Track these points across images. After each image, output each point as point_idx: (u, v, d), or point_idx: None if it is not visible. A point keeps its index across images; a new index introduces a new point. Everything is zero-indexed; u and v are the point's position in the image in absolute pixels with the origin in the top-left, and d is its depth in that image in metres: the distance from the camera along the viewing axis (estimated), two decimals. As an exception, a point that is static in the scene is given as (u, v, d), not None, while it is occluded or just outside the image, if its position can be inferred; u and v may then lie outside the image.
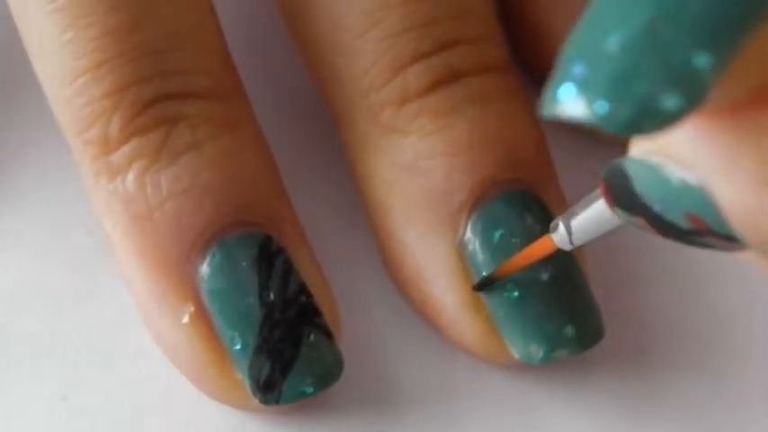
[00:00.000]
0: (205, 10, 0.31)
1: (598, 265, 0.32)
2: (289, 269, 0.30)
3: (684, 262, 0.33)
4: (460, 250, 0.30)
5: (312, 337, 0.30)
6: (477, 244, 0.30)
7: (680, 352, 0.32)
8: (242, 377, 0.29)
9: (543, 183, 0.31)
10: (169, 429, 0.31)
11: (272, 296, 0.29)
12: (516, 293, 0.30)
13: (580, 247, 0.28)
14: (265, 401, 0.29)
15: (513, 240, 0.30)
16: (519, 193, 0.31)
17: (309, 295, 0.30)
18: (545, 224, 0.30)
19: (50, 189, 0.33)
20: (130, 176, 0.30)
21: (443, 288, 0.31)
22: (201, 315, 0.30)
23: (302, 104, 0.34)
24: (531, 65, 0.34)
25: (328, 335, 0.30)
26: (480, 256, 0.30)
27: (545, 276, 0.30)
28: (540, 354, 0.30)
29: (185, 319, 0.30)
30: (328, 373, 0.30)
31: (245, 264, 0.30)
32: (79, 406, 0.31)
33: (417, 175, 0.31)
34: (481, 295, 0.30)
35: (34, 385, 0.31)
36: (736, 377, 0.32)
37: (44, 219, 0.33)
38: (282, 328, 0.29)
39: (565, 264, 0.30)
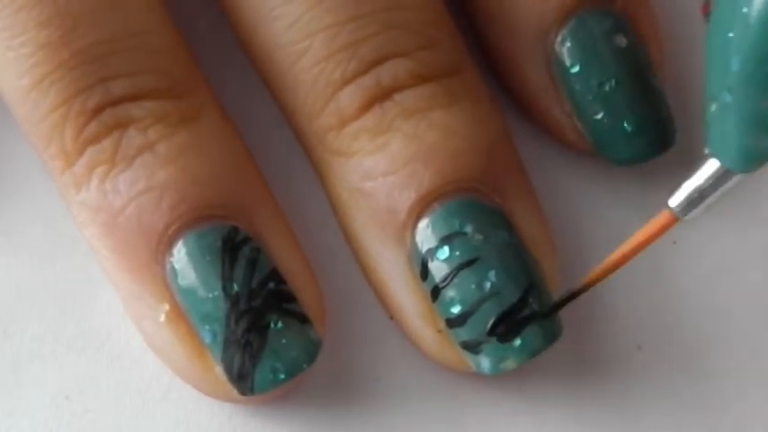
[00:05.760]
0: (143, 10, 0.31)
1: (590, 266, 0.31)
2: (255, 258, 0.30)
3: (679, 261, 0.33)
4: (411, 265, 0.31)
5: (279, 324, 0.30)
6: (422, 259, 0.30)
7: (677, 351, 0.32)
8: (218, 370, 0.30)
9: (498, 186, 0.31)
10: (171, 428, 0.31)
11: (236, 287, 0.30)
12: (458, 308, 0.30)
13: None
14: (242, 392, 0.30)
15: (455, 253, 0.30)
16: (459, 203, 0.30)
17: (280, 281, 0.30)
18: (492, 231, 0.30)
19: (50, 189, 0.33)
20: (93, 185, 0.30)
21: (401, 302, 0.31)
22: (177, 312, 0.30)
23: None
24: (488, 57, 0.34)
25: (301, 319, 0.30)
26: (426, 270, 0.30)
27: (487, 287, 0.30)
28: (487, 365, 0.30)
29: (162, 318, 0.30)
30: (299, 357, 0.30)
31: (208, 258, 0.30)
32: (82, 406, 0.31)
33: (363, 196, 0.31)
34: (433, 308, 0.30)
35: (37, 385, 0.32)
36: (734, 377, 0.31)
37: (45, 220, 0.33)
38: (248, 318, 0.30)
39: (511, 273, 0.30)
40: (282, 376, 0.30)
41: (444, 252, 0.30)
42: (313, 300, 0.31)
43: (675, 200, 0.28)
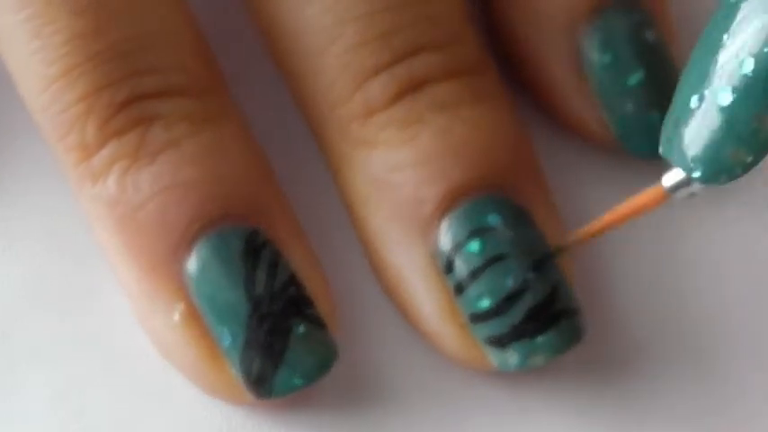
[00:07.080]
0: (175, 8, 0.31)
1: (586, 268, 0.32)
2: (276, 261, 0.30)
3: (676, 260, 0.33)
4: (434, 260, 0.30)
5: (301, 328, 0.30)
6: (447, 253, 0.30)
7: (676, 351, 0.32)
8: (234, 372, 0.30)
9: (521, 184, 0.31)
10: (170, 429, 0.31)
11: (258, 289, 0.29)
12: (487, 302, 0.30)
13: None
14: (258, 395, 0.30)
15: (486, 247, 0.30)
16: (488, 198, 0.30)
17: (299, 286, 0.30)
18: (520, 227, 0.30)
19: (49, 188, 0.33)
20: (111, 179, 0.30)
21: (421, 298, 0.31)
22: (192, 312, 0.30)
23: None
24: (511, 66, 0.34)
25: (320, 325, 0.30)
26: (451, 264, 0.30)
27: (517, 282, 0.30)
28: (515, 360, 0.30)
29: (176, 317, 0.30)
30: (319, 363, 0.30)
31: (230, 258, 0.30)
32: (80, 406, 0.31)
33: (388, 187, 0.31)
34: (456, 303, 0.30)
35: (35, 386, 0.31)
36: (735, 376, 0.32)
37: (43, 219, 0.33)
38: (270, 320, 0.29)
39: (540, 269, 0.30)
40: (302, 381, 0.29)
41: (474, 246, 0.30)
42: (327, 306, 0.31)
43: (668, 179, 0.28)
